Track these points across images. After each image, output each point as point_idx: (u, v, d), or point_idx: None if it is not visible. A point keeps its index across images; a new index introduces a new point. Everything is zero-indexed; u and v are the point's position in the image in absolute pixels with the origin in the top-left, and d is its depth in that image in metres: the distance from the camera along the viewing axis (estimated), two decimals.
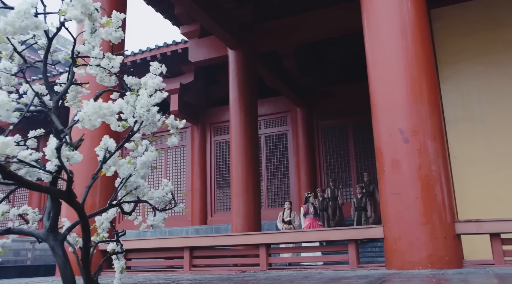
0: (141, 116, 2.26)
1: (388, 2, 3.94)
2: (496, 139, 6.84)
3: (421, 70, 3.74)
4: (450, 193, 3.58)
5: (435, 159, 3.56)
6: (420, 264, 3.31)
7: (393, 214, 3.53)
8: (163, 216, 2.71)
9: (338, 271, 3.65)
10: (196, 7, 7.36)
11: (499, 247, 3.33)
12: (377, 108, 3.83)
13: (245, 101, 8.41)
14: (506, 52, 7.00)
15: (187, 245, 4.29)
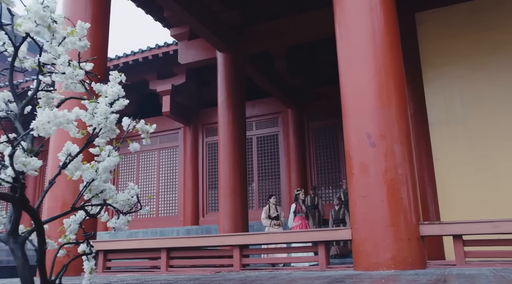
0: (100, 124, 2.34)
1: (358, 9, 4.03)
2: (478, 142, 6.94)
3: (389, 76, 3.83)
4: (416, 196, 3.67)
5: (401, 162, 3.65)
6: (384, 265, 3.40)
7: (360, 216, 3.63)
8: (127, 218, 2.78)
9: (308, 271, 3.74)
10: (183, 11, 7.45)
11: (460, 249, 3.42)
12: (347, 113, 3.92)
13: (233, 103, 8.51)
14: (489, 55, 7.09)
15: (164, 246, 4.38)
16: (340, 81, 4.06)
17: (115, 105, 2.51)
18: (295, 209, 8.44)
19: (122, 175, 13.04)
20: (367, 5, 4.01)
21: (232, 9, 8.61)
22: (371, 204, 3.57)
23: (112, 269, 4.74)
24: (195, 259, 4.55)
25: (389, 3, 4.07)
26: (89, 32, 5.61)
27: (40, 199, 2.26)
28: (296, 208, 8.45)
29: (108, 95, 2.43)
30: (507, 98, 6.87)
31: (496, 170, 6.77)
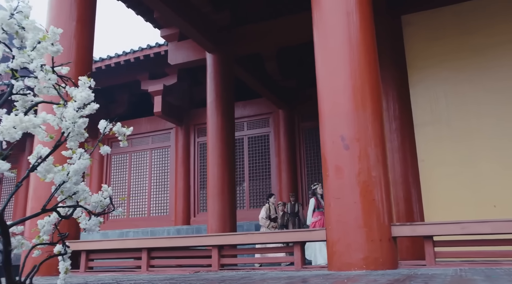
0: (68, 128, 2.40)
1: (335, 14, 4.10)
2: (461, 142, 7.03)
3: (364, 80, 3.90)
4: (389, 197, 3.75)
5: (375, 165, 3.72)
6: (356, 265, 3.48)
7: (334, 218, 3.70)
8: (99, 220, 2.84)
9: (284, 271, 3.81)
10: (171, 12, 7.51)
11: (430, 249, 3.49)
12: (322, 116, 4.00)
13: (222, 104, 8.57)
14: (472, 58, 7.19)
15: (144, 246, 4.45)
16: (317, 84, 4.13)
17: (85, 110, 2.56)
18: (315, 204, 7.91)
19: (114, 174, 13.08)
20: (344, 9, 4.08)
21: (221, 10, 8.67)
22: (345, 205, 3.65)
23: (96, 269, 4.80)
24: (176, 259, 4.61)
25: (366, 8, 4.14)
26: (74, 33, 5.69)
27: (6, 202, 2.31)
28: (315, 204, 7.92)
29: (77, 100, 2.48)
30: (489, 100, 6.97)
31: (479, 170, 6.87)
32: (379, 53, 7.60)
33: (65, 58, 5.29)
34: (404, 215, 7.02)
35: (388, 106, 7.51)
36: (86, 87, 2.59)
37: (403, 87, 7.52)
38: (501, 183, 6.72)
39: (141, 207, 12.53)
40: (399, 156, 7.28)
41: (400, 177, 7.23)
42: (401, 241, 6.38)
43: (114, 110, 13.41)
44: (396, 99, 7.49)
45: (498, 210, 6.62)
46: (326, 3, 4.17)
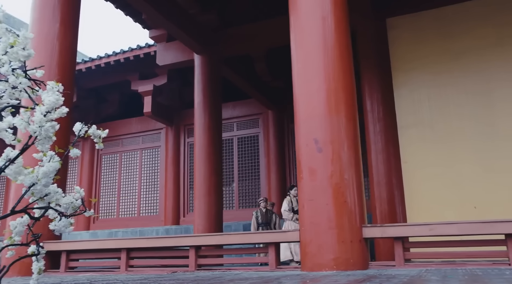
0: (35, 132, 2.45)
1: (311, 18, 4.17)
2: (443, 144, 7.14)
3: (338, 84, 3.97)
4: (361, 199, 3.82)
5: (347, 167, 3.79)
6: (327, 266, 3.55)
7: (307, 219, 3.77)
8: (69, 221, 2.88)
9: (258, 272, 3.88)
10: (158, 14, 7.55)
11: (400, 250, 3.57)
12: (298, 119, 4.07)
13: (209, 105, 8.63)
14: (454, 61, 7.29)
15: (123, 246, 4.50)
16: (293, 87, 4.20)
17: (53, 114, 2.61)
18: None
19: (105, 174, 13.10)
20: (319, 14, 4.15)
21: (209, 12, 8.73)
22: (317, 207, 3.72)
23: (78, 269, 4.85)
24: (156, 259, 4.66)
25: (341, 13, 4.21)
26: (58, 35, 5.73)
27: None
28: None
29: (45, 104, 2.53)
30: (470, 103, 7.08)
31: (460, 172, 6.97)
32: (364, 56, 7.80)
33: (48, 60, 5.35)
34: (387, 216, 7.12)
35: (372, 108, 7.60)
36: (55, 92, 2.64)
37: (387, 90, 7.62)
38: (482, 185, 6.83)
39: (131, 207, 12.56)
40: (383, 158, 7.37)
41: (383, 178, 7.33)
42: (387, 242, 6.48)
43: (105, 110, 13.43)
44: (381, 101, 7.58)
45: (478, 211, 6.73)
46: (302, 7, 4.24)
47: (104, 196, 12.90)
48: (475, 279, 2.34)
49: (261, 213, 8.43)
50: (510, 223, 3.24)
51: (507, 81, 6.96)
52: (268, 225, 8.43)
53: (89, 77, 12.01)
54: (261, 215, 8.41)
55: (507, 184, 6.73)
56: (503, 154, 6.83)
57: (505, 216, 6.22)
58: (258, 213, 8.50)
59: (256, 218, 8.41)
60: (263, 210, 8.47)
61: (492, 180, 6.80)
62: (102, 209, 12.81)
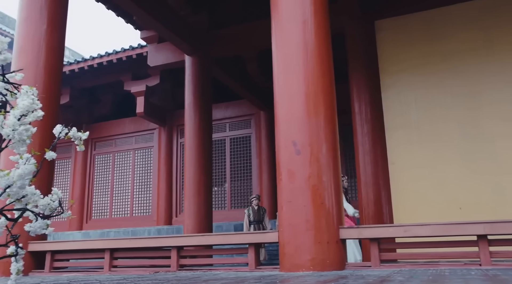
0: (8, 135, 2.50)
1: (292, 21, 4.22)
2: (429, 146, 7.21)
3: (318, 87, 4.03)
4: (339, 201, 3.87)
5: (326, 169, 3.85)
6: (303, 267, 3.61)
7: (285, 221, 3.83)
8: (46, 222, 2.92)
9: (237, 272, 3.93)
10: (148, 16, 7.59)
11: (376, 251, 3.63)
12: (278, 121, 4.12)
13: (200, 106, 8.67)
14: (441, 63, 7.36)
15: (107, 247, 4.55)
16: (273, 90, 4.25)
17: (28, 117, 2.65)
18: None
19: (98, 174, 13.13)
20: (300, 18, 4.21)
21: (200, 13, 8.78)
22: (295, 208, 3.77)
23: (62, 269, 4.89)
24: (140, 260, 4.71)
25: (322, 17, 4.27)
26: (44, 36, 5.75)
27: None
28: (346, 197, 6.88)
29: (19, 108, 2.58)
30: (456, 105, 7.15)
31: (446, 173, 7.04)
32: (352, 57, 7.87)
33: (34, 61, 5.39)
34: (373, 216, 7.18)
35: (360, 110, 7.67)
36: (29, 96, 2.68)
37: (375, 91, 7.68)
38: (467, 186, 6.90)
39: (124, 207, 12.60)
40: (370, 159, 7.43)
41: (370, 179, 7.39)
42: None
43: (98, 110, 13.47)
44: (368, 103, 7.64)
45: (463, 212, 6.80)
46: (283, 11, 4.29)
47: (97, 196, 12.94)
48: (437, 279, 2.40)
49: (253, 211, 8.34)
50: (480, 224, 3.30)
51: (493, 84, 7.04)
52: (260, 223, 8.36)
53: (82, 77, 12.04)
54: (253, 212, 8.31)
55: (492, 185, 6.81)
56: (487, 155, 6.90)
57: (489, 217, 6.30)
58: (250, 210, 8.44)
59: (248, 216, 8.36)
60: (255, 208, 8.38)
61: (477, 181, 6.88)
62: (95, 209, 12.84)
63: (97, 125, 13.28)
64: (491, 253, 3.31)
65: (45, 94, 5.36)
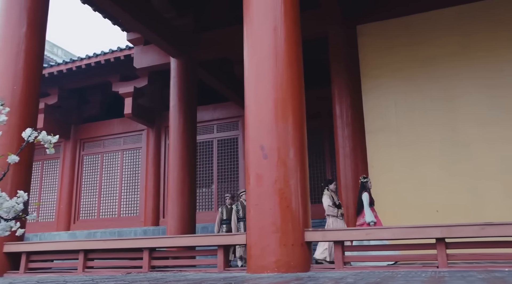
0: None
1: (263, 28, 4.30)
2: (408, 149, 7.34)
3: (287, 93, 4.12)
4: (305, 204, 3.96)
5: (292, 173, 3.93)
6: (268, 268, 3.69)
7: (253, 223, 3.91)
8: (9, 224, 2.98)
9: (206, 273, 4.01)
10: (131, 18, 7.65)
11: (339, 254, 3.72)
12: (247, 125, 4.20)
13: (184, 108, 8.74)
14: (420, 68, 7.49)
15: (81, 248, 4.62)
16: (244, 95, 4.34)
17: None
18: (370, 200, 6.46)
19: (86, 175, 13.16)
20: (271, 25, 4.29)
21: (185, 16, 8.85)
22: (262, 211, 3.86)
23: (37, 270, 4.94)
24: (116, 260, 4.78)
25: (292, 24, 4.35)
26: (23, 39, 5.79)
27: None
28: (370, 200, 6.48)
29: None
30: (435, 108, 7.28)
31: (423, 176, 7.16)
32: (334, 61, 7.97)
33: (13, 63, 5.44)
34: (353, 219, 7.26)
35: (341, 113, 7.77)
36: None
37: (356, 95, 7.78)
38: (444, 188, 7.02)
39: (111, 207, 12.63)
40: (350, 162, 7.53)
41: (350, 182, 7.49)
42: None
43: (87, 110, 13.50)
44: (349, 106, 7.75)
45: (440, 215, 6.91)
46: (254, 17, 4.38)
47: (85, 196, 12.96)
48: (382, 280, 2.49)
49: (226, 210, 7.95)
50: (438, 228, 3.40)
51: (469, 88, 7.17)
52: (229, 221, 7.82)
53: (70, 78, 12.08)
54: (226, 211, 7.93)
55: (468, 187, 6.93)
56: (464, 158, 7.03)
57: (465, 219, 6.41)
58: (223, 209, 8.02)
59: (221, 213, 7.93)
60: (228, 207, 7.97)
61: (454, 183, 7.00)
62: (83, 209, 12.87)
63: (85, 126, 13.30)
64: (448, 256, 3.40)
65: (24, 96, 5.42)
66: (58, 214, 12.89)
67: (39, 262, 5.01)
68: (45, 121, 12.38)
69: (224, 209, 7.94)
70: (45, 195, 13.45)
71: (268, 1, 4.34)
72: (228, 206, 7.97)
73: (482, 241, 3.48)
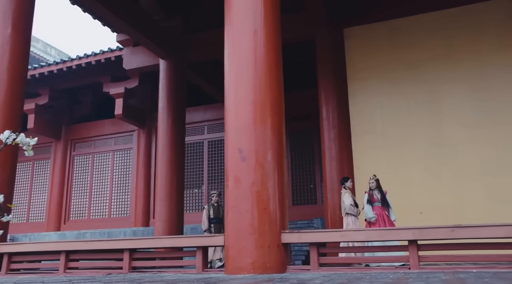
0: None
1: (244, 31, 4.35)
2: (393, 152, 7.42)
3: (265, 96, 4.17)
4: (282, 206, 4.00)
5: (270, 176, 3.98)
6: (245, 269, 3.74)
7: (230, 225, 3.95)
8: None
9: (185, 274, 4.05)
10: (120, 21, 7.69)
11: (314, 255, 3.78)
12: (226, 128, 4.25)
13: (173, 110, 8.78)
14: (406, 71, 7.58)
15: (62, 249, 4.65)
16: (224, 97, 4.38)
17: None
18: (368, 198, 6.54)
19: (77, 175, 13.16)
20: (251, 28, 4.34)
21: (174, 18, 8.89)
22: (239, 213, 3.90)
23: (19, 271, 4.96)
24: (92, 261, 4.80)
25: (272, 28, 4.40)
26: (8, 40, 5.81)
27: None
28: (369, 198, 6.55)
29: None
30: (420, 111, 7.37)
31: (408, 178, 7.24)
32: (321, 64, 8.03)
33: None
34: (339, 220, 7.32)
35: (328, 116, 7.84)
36: None
37: (342, 97, 7.86)
38: (428, 190, 7.11)
39: (102, 208, 12.63)
40: (336, 163, 7.60)
41: (336, 184, 7.55)
42: None
43: (78, 111, 13.50)
44: (336, 108, 7.82)
45: (424, 216, 7.00)
46: (235, 20, 4.43)
47: (76, 197, 12.96)
48: (351, 281, 2.55)
49: (213, 208, 7.56)
50: (410, 230, 3.46)
51: (453, 90, 7.26)
52: (221, 221, 7.49)
53: (61, 79, 12.07)
54: (213, 209, 7.55)
55: (451, 188, 7.02)
56: (448, 159, 7.12)
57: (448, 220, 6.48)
58: (210, 207, 7.60)
59: (208, 211, 7.55)
60: (215, 205, 7.63)
61: (438, 184, 7.09)
62: (73, 210, 12.86)
63: (77, 126, 13.30)
64: (420, 257, 3.46)
65: (8, 97, 5.44)
66: (49, 214, 12.87)
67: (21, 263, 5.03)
68: (35, 121, 12.38)
69: (211, 207, 7.58)
70: (35, 195, 13.44)
71: (249, 5, 4.39)
72: (215, 204, 7.63)
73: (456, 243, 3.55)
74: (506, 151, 6.90)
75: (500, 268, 3.27)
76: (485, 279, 2.50)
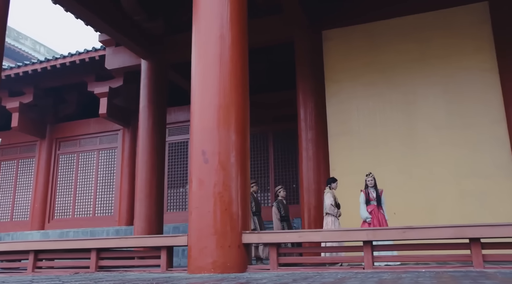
0: None
1: (210, 35, 4.44)
2: (368, 153, 7.55)
3: (230, 100, 4.25)
4: (245, 208, 4.10)
5: (233, 177, 4.07)
6: (206, 269, 3.83)
7: (193, 225, 4.04)
8: None
9: (149, 274, 4.13)
10: (100, 21, 7.73)
11: (274, 255, 3.88)
12: (191, 130, 4.33)
13: (154, 110, 8.84)
14: (381, 74, 7.70)
15: (31, 248, 4.71)
16: (191, 100, 4.46)
17: None
18: (366, 198, 6.56)
19: (61, 174, 13.16)
20: (218, 32, 4.43)
21: (155, 19, 8.93)
22: (202, 214, 3.99)
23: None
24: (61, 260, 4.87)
25: (238, 33, 4.49)
26: None
27: None
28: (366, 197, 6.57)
29: None
30: (394, 114, 7.50)
31: (383, 178, 7.34)
32: (299, 66, 8.13)
33: None
34: (314, 221, 7.44)
35: (305, 117, 7.94)
36: None
37: (320, 99, 7.96)
38: (402, 191, 7.25)
39: (86, 207, 12.65)
40: (313, 165, 7.70)
41: (313, 184, 7.66)
42: None
43: (63, 110, 13.49)
44: (313, 110, 7.92)
45: (397, 217, 7.12)
46: (202, 23, 4.51)
47: (60, 196, 12.96)
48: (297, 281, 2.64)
49: (283, 205, 7.16)
50: (363, 231, 3.57)
51: (427, 93, 7.41)
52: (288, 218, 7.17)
53: (46, 77, 12.06)
54: (282, 206, 7.13)
55: (425, 189, 7.17)
56: (421, 160, 7.26)
57: (422, 221, 6.64)
58: (279, 204, 7.18)
59: (278, 209, 7.11)
60: (283, 201, 7.26)
61: (411, 185, 7.23)
62: (58, 209, 12.87)
63: (62, 125, 13.30)
64: (373, 258, 3.57)
65: None
66: (33, 213, 12.87)
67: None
68: (20, 120, 12.37)
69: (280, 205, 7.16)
70: (19, 194, 13.42)
71: (215, 10, 4.47)
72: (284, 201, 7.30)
73: (410, 244, 3.66)
74: (477, 152, 7.05)
75: (448, 268, 3.39)
76: (419, 278, 2.61)
